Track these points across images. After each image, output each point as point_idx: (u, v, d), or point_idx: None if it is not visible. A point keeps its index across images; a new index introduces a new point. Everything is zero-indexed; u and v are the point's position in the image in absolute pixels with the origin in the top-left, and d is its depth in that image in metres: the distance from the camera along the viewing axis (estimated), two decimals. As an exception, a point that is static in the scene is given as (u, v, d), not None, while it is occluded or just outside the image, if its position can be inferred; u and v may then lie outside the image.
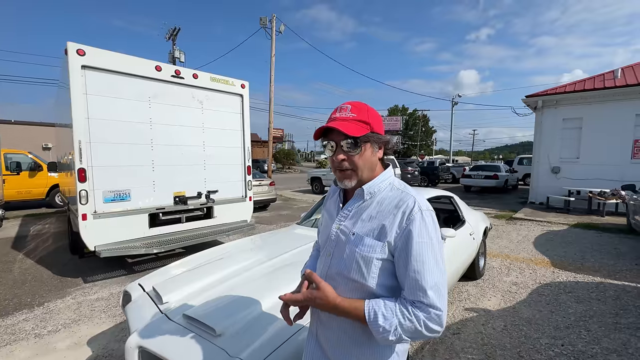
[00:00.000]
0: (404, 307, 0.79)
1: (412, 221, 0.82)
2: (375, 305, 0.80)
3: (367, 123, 0.87)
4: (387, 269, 0.86)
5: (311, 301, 0.85)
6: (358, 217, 0.91)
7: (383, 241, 0.84)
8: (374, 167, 0.92)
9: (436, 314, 0.78)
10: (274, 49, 15.50)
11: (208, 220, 4.77)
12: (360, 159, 0.88)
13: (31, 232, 6.55)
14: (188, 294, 1.84)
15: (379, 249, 0.84)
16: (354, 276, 0.87)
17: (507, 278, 3.95)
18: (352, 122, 0.86)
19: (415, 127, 48.53)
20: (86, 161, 3.55)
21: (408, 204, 0.85)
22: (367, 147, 0.88)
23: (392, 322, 0.77)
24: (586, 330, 2.73)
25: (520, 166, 17.34)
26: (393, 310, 0.79)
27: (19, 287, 3.77)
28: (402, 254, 0.82)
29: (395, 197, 0.89)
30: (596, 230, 6.48)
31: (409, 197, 0.87)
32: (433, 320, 0.78)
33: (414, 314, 0.78)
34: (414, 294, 0.80)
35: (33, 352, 2.49)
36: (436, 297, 0.78)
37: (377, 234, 0.86)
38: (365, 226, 0.89)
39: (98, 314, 3.09)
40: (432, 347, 2.52)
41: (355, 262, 0.87)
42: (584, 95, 8.95)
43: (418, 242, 0.81)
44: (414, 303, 0.79)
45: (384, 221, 0.86)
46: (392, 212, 0.86)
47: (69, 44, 3.41)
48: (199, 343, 1.40)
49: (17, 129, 17.05)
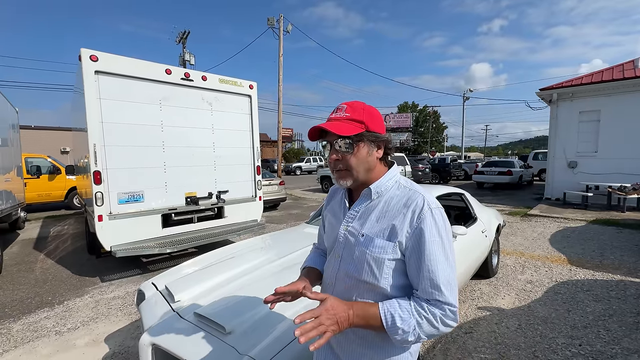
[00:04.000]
0: (420, 306, 0.79)
1: (423, 220, 0.82)
2: (390, 308, 0.79)
3: (361, 122, 0.86)
4: (399, 268, 0.85)
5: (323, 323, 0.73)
6: (366, 217, 0.90)
7: (394, 241, 0.84)
8: (372, 166, 0.90)
9: (451, 310, 0.79)
10: (281, 49, 15.56)
11: (219, 220, 4.84)
12: (354, 158, 0.87)
13: (51, 233, 6.79)
14: (199, 292, 1.87)
15: (391, 249, 0.84)
16: (365, 278, 0.86)
17: (522, 276, 3.86)
18: (345, 121, 0.86)
19: (426, 123, 47.86)
20: (101, 164, 3.65)
21: (417, 203, 0.84)
22: (362, 147, 0.87)
23: (410, 322, 0.77)
24: (605, 330, 2.64)
25: (535, 161, 16.87)
26: (409, 310, 0.78)
27: (40, 286, 3.92)
28: (414, 253, 0.82)
29: (404, 195, 0.88)
30: (616, 227, 6.25)
31: (417, 195, 0.86)
32: (449, 316, 0.79)
33: (430, 312, 0.78)
34: (428, 293, 0.80)
35: (54, 348, 2.59)
36: (450, 294, 0.79)
37: (387, 234, 0.85)
38: (375, 227, 0.87)
39: (115, 312, 3.18)
40: (444, 346, 2.49)
41: (367, 263, 0.86)
42: (602, 86, 8.62)
43: (430, 241, 0.80)
44: (429, 301, 0.80)
45: (393, 221, 0.85)
46: (401, 212, 0.85)
47: (83, 50, 3.51)
48: (209, 341, 1.43)
49: (37, 134, 17.70)
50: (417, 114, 47.31)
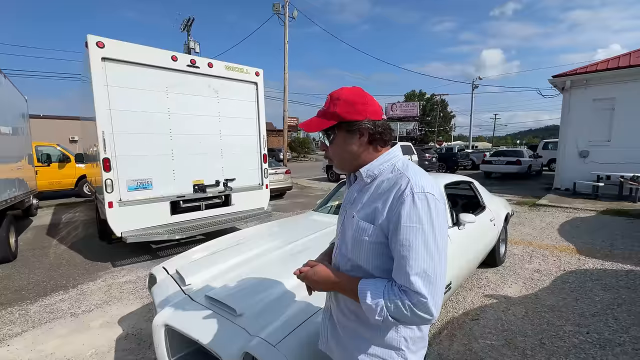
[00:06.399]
0: (391, 289, 0.79)
1: (402, 204, 0.79)
2: (366, 285, 0.83)
3: (333, 114, 0.88)
4: (382, 251, 0.85)
5: (309, 279, 0.96)
6: (360, 200, 0.92)
7: (375, 224, 0.84)
8: (357, 154, 0.91)
9: (421, 301, 0.74)
10: (287, 36, 15.32)
11: (226, 207, 4.88)
12: (332, 149, 0.94)
13: (63, 220, 6.95)
14: (209, 276, 1.91)
15: (370, 231, 0.85)
16: (351, 257, 0.92)
17: (530, 265, 3.85)
18: (317, 117, 0.91)
19: (433, 112, 47.12)
20: (110, 151, 3.68)
21: (400, 187, 0.82)
22: (339, 138, 0.91)
23: (378, 302, 0.79)
24: (614, 319, 2.63)
25: (545, 151, 16.56)
26: (382, 290, 0.80)
27: (54, 270, 4.04)
28: (393, 237, 0.81)
29: (393, 178, 0.86)
30: (627, 217, 6.15)
31: (403, 178, 0.83)
32: (418, 307, 0.75)
33: (399, 297, 0.77)
34: (400, 279, 0.78)
35: (70, 329, 2.68)
36: (422, 284, 0.75)
37: (370, 217, 0.86)
38: (363, 209, 0.89)
39: (127, 295, 3.27)
40: (450, 332, 2.51)
41: (352, 243, 0.91)
42: (618, 73, 8.34)
43: (405, 226, 0.78)
44: (401, 287, 0.78)
45: (376, 204, 0.85)
46: (384, 195, 0.84)
47: (89, 36, 3.49)
48: (220, 322, 1.46)
49: (46, 123, 17.88)
50: (424, 102, 46.55)
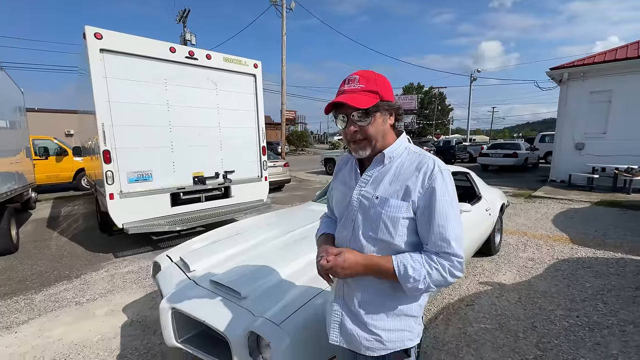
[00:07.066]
0: (430, 258, 0.88)
1: (435, 180, 0.89)
2: (403, 260, 0.88)
3: (375, 92, 0.89)
4: (411, 226, 0.92)
5: (339, 266, 0.90)
6: (379, 181, 0.96)
7: (408, 201, 0.90)
8: (387, 134, 0.96)
9: (458, 261, 0.87)
10: (284, 28, 15.16)
11: (226, 199, 4.92)
12: (372, 128, 0.91)
13: (62, 213, 6.97)
14: (213, 263, 1.96)
15: (405, 208, 0.90)
16: (381, 236, 0.93)
17: (524, 254, 3.94)
18: (361, 93, 0.88)
19: (431, 105, 47.05)
20: (110, 143, 3.70)
21: (429, 165, 0.91)
22: (378, 116, 0.91)
23: (420, 272, 0.86)
24: (603, 303, 2.73)
25: (542, 144, 16.66)
26: (420, 262, 0.87)
27: (57, 261, 4.09)
28: (426, 211, 0.89)
29: (415, 160, 0.94)
30: (620, 208, 6.27)
31: (428, 158, 0.93)
32: (456, 267, 0.87)
33: (439, 262, 0.87)
34: (438, 246, 0.87)
35: (75, 317, 2.74)
36: (458, 247, 0.87)
37: (402, 194, 0.91)
38: (388, 189, 0.94)
39: (130, 285, 3.33)
40: (446, 317, 2.59)
41: (383, 223, 0.92)
42: (616, 65, 8.38)
43: (441, 199, 0.87)
44: (438, 254, 0.88)
45: (407, 182, 0.91)
46: (414, 174, 0.92)
47: (87, 27, 3.48)
48: (225, 304, 1.52)
49: (41, 116, 17.68)
50: (422, 95, 46.44)
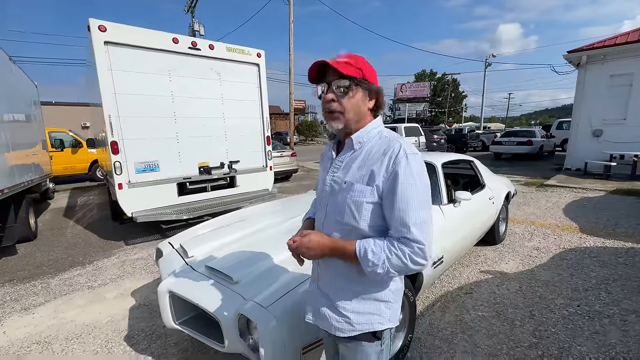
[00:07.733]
0: (391, 243, 0.88)
1: (398, 164, 0.88)
2: (365, 244, 0.90)
3: (359, 69, 0.91)
4: (376, 211, 0.92)
5: (304, 247, 0.96)
6: (349, 167, 0.97)
7: (372, 185, 0.91)
8: (363, 115, 0.96)
9: (419, 248, 0.85)
10: (291, 15, 14.95)
11: (232, 189, 5.02)
12: (349, 101, 0.92)
13: (78, 203, 7.26)
14: (210, 249, 2.03)
15: (369, 193, 0.91)
16: (347, 220, 0.95)
17: (529, 243, 3.88)
18: (345, 64, 0.90)
19: (444, 92, 45.82)
20: (117, 134, 3.81)
21: (394, 149, 0.90)
22: (358, 93, 0.92)
23: (380, 256, 0.87)
24: (606, 293, 2.68)
25: (560, 131, 15.99)
26: (381, 246, 0.88)
27: (72, 248, 4.29)
28: (389, 195, 0.89)
29: (383, 144, 0.94)
30: (637, 197, 6.03)
31: (395, 143, 0.92)
32: (417, 254, 0.85)
33: (399, 248, 0.86)
34: (399, 231, 0.87)
35: (88, 300, 2.90)
36: (419, 233, 0.85)
37: (367, 179, 0.92)
38: (356, 174, 0.95)
39: (139, 270, 3.48)
40: (443, 304, 2.61)
41: (348, 207, 0.94)
42: (639, 46, 7.92)
43: (403, 182, 0.87)
44: (399, 239, 0.87)
45: (372, 167, 0.92)
46: (380, 159, 0.92)
47: (91, 20, 3.54)
48: (218, 289, 1.58)
49: (58, 110, 18.25)
50: (435, 82, 45.22)
